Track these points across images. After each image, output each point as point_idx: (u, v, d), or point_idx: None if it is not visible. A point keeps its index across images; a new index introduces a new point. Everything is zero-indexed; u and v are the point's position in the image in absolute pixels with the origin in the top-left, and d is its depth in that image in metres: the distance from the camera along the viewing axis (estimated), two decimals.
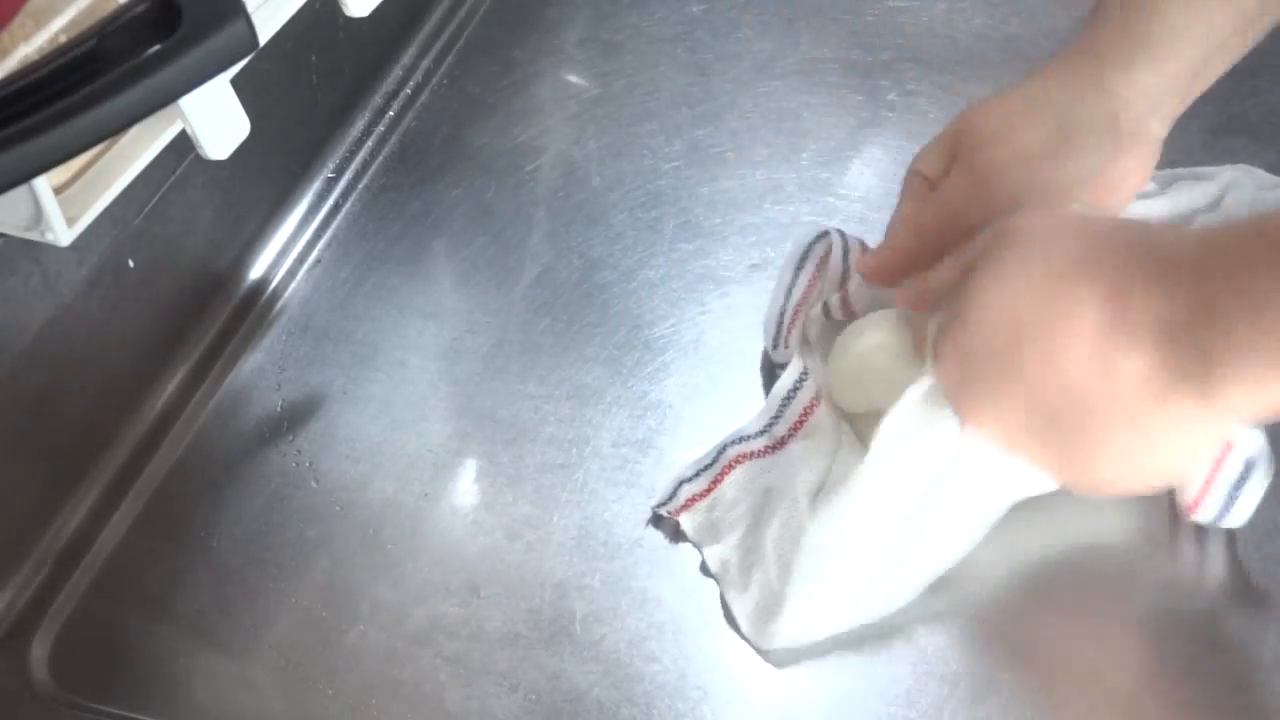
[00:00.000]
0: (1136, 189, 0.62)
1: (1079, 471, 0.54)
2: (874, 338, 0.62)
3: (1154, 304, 0.49)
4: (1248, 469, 0.58)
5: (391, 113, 0.84)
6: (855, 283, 0.65)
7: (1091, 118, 0.60)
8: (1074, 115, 0.61)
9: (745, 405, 0.66)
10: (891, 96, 0.81)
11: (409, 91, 0.86)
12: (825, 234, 0.68)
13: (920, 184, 0.64)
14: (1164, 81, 0.61)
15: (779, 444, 0.63)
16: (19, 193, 0.50)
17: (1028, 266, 0.53)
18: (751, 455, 0.63)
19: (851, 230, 0.68)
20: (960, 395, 0.55)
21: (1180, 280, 0.49)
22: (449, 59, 0.88)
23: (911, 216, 0.63)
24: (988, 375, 0.54)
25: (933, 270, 0.59)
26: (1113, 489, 0.55)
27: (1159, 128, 0.61)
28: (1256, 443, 0.58)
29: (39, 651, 0.61)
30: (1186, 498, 0.59)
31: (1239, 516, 0.58)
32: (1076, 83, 0.61)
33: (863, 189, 0.75)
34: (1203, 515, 0.59)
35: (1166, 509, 0.60)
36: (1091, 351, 0.50)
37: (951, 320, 0.55)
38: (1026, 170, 0.60)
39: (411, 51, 0.88)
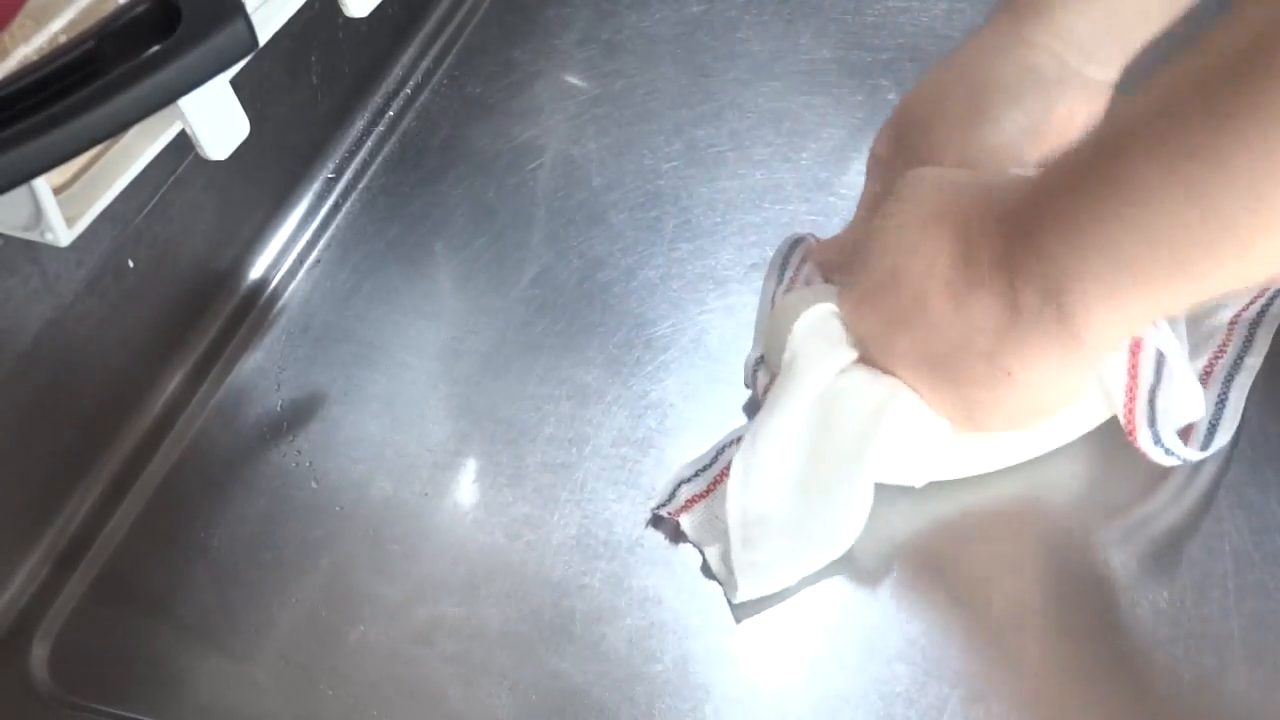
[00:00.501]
0: None
1: (962, 414, 0.57)
2: (800, 295, 0.63)
3: (990, 244, 0.53)
4: (1159, 366, 0.58)
5: (391, 113, 0.84)
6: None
7: (1013, 74, 0.60)
8: (996, 75, 0.61)
9: (746, 404, 0.66)
10: (891, 96, 0.81)
11: (409, 92, 0.86)
12: (801, 239, 0.68)
13: (874, 164, 0.66)
14: (1091, 26, 0.60)
15: None
16: (18, 193, 0.50)
17: (900, 219, 0.57)
18: None
19: None
20: (868, 343, 0.59)
21: (1012, 219, 0.52)
22: (449, 59, 0.88)
23: (866, 200, 0.66)
24: (881, 322, 0.58)
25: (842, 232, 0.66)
26: (998, 429, 0.58)
27: (1099, 71, 0.61)
28: (1165, 338, 0.58)
29: (39, 651, 0.61)
30: (1119, 416, 0.59)
31: (1170, 436, 0.59)
32: (996, 41, 0.62)
33: (862, 188, 0.75)
34: (1143, 439, 0.59)
35: (1171, 516, 0.60)
36: (951, 292, 0.54)
37: (851, 275, 0.60)
38: (961, 141, 0.61)
39: (411, 51, 0.88)
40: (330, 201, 0.80)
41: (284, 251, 0.77)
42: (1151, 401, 0.58)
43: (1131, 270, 0.49)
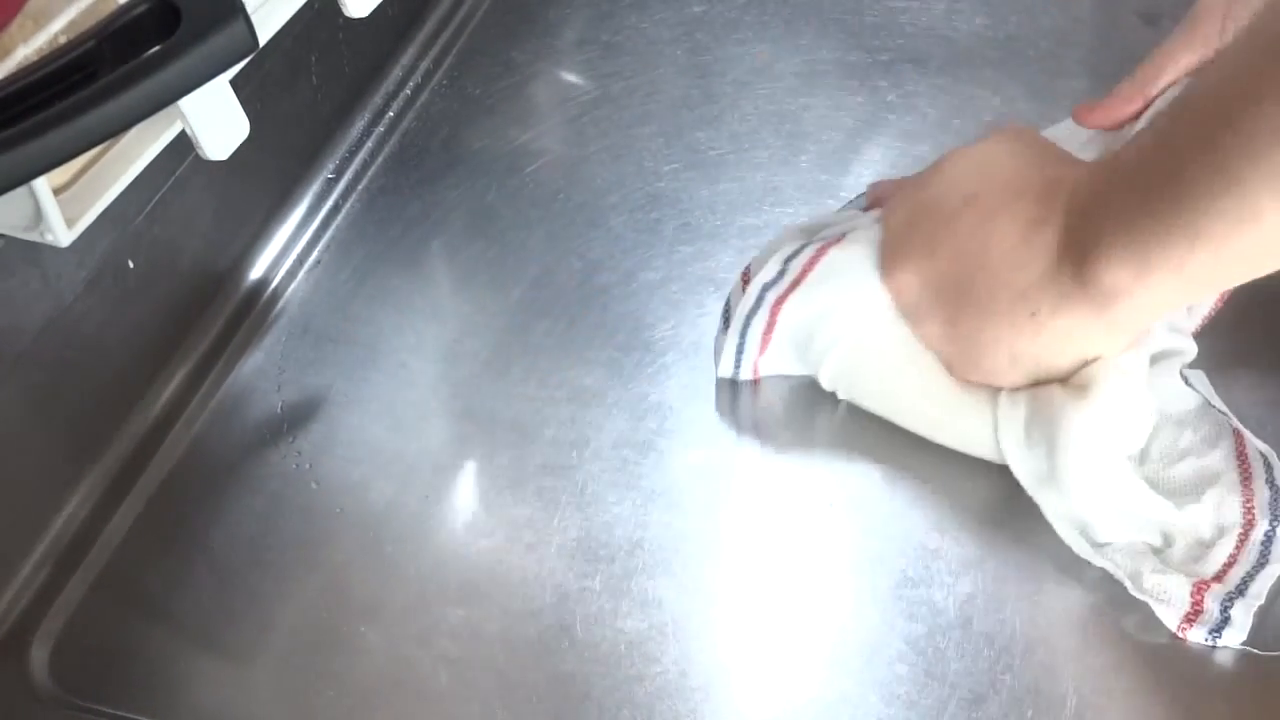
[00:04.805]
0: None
1: (962, 341, 0.60)
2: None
3: (1065, 211, 0.57)
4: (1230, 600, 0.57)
5: (391, 113, 0.84)
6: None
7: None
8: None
9: (747, 406, 0.66)
10: (891, 98, 0.81)
11: (408, 92, 0.86)
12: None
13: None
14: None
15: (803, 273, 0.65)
16: (19, 194, 0.50)
17: (992, 154, 0.62)
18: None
19: None
20: (895, 243, 0.62)
21: (1086, 191, 0.57)
22: (449, 59, 0.88)
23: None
24: (924, 228, 0.61)
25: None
26: (986, 365, 0.60)
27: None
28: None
29: (39, 653, 0.61)
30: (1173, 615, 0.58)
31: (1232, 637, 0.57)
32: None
33: (862, 191, 0.75)
34: (1194, 635, 0.57)
35: None
36: (1020, 237, 0.58)
37: (909, 182, 0.64)
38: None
39: (411, 52, 0.88)
40: (330, 201, 0.80)
41: (284, 251, 0.77)
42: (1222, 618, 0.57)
43: (1161, 240, 0.52)
